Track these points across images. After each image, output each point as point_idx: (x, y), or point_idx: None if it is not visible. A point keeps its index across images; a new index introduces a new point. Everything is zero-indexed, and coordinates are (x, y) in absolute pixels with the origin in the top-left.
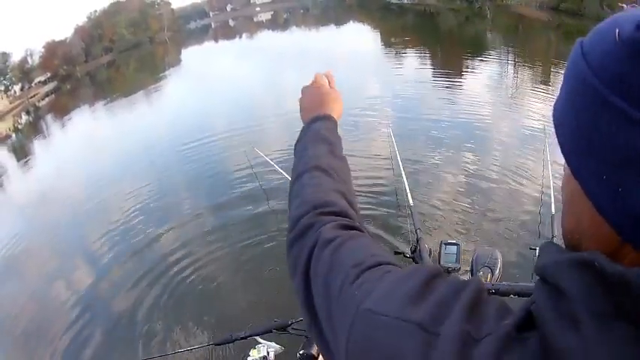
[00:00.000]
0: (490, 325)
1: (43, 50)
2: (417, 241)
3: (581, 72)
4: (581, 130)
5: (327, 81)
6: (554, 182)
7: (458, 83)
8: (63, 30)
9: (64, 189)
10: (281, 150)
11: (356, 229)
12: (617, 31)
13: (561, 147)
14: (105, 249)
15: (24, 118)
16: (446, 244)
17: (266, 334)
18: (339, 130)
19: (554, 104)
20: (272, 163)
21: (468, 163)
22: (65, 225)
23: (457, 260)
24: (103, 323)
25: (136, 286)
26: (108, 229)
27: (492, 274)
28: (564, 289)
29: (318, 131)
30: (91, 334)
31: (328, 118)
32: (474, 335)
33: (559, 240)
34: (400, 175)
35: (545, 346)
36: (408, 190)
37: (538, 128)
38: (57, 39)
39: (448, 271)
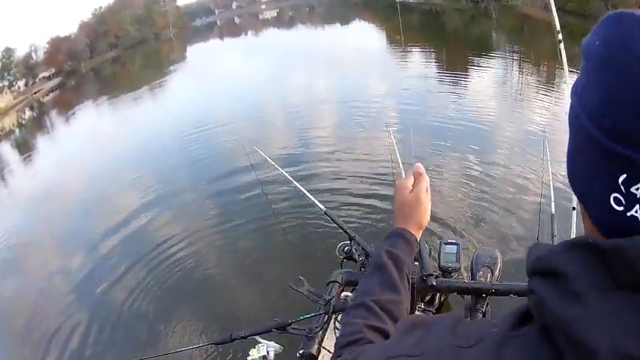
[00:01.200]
0: (479, 335)
1: (47, 46)
2: (417, 240)
3: (574, 109)
4: (579, 163)
5: (410, 184)
6: (554, 183)
7: (463, 83)
8: (67, 26)
9: (67, 183)
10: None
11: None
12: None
13: (569, 176)
14: (107, 243)
15: (28, 113)
16: (446, 243)
17: (266, 333)
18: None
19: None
20: (273, 162)
21: (468, 162)
22: (67, 218)
23: (457, 260)
24: (103, 319)
25: (135, 280)
26: (109, 223)
27: (492, 274)
28: (562, 271)
29: (381, 256)
30: (89, 330)
31: (400, 234)
32: (463, 345)
33: (559, 240)
34: (400, 175)
35: (547, 324)
36: None
37: (540, 129)
38: (61, 35)
39: (448, 270)
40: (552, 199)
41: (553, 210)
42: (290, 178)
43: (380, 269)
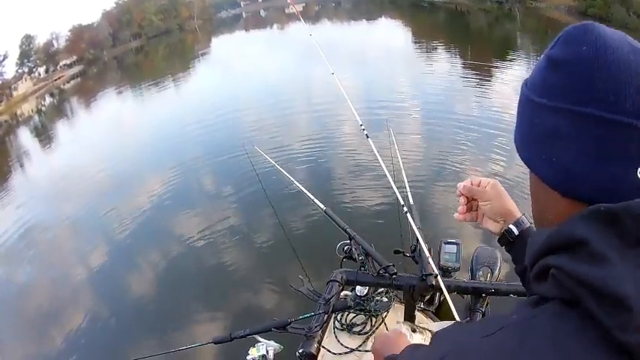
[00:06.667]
0: (498, 323)
1: (69, 34)
2: (417, 240)
3: (522, 92)
4: (522, 128)
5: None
6: None
7: (487, 84)
8: (90, 15)
9: (85, 169)
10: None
11: None
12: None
13: (516, 147)
14: (121, 232)
15: (48, 100)
16: (446, 243)
17: (265, 332)
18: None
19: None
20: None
21: (490, 160)
22: (84, 205)
23: (457, 259)
24: (104, 311)
25: (134, 279)
26: (121, 212)
27: (492, 274)
28: (582, 238)
29: None
30: (91, 321)
31: None
32: (485, 334)
33: None
34: (400, 174)
35: (572, 290)
36: (408, 189)
37: None
38: (84, 23)
39: (448, 270)
40: None
41: None
42: (290, 178)
43: None
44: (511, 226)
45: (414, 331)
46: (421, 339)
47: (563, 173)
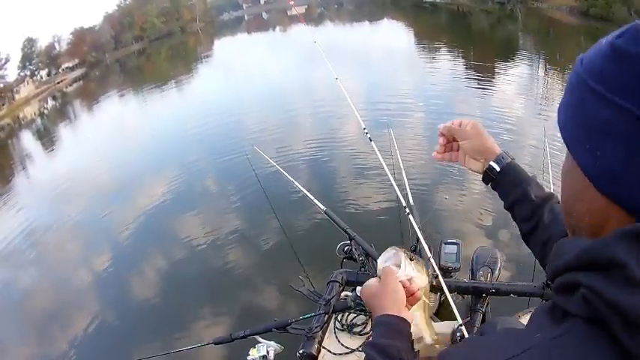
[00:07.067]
0: (523, 343)
1: (71, 37)
2: (417, 239)
3: (576, 71)
4: (572, 109)
5: (373, 283)
6: (553, 183)
7: (489, 85)
8: (92, 17)
9: (88, 172)
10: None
11: None
12: (603, 40)
13: (560, 126)
14: (123, 234)
15: (50, 102)
16: (446, 243)
17: (266, 333)
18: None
19: (559, 103)
20: (273, 163)
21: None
22: (86, 208)
23: (457, 259)
24: (107, 312)
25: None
26: (123, 214)
27: (492, 274)
28: (620, 261)
29: (366, 352)
30: (94, 322)
31: (380, 322)
32: (512, 355)
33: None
34: (401, 174)
35: (603, 315)
36: (408, 188)
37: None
38: (85, 26)
39: (448, 270)
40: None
41: None
42: (291, 179)
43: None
44: (492, 163)
45: (411, 259)
46: (415, 270)
47: (605, 171)
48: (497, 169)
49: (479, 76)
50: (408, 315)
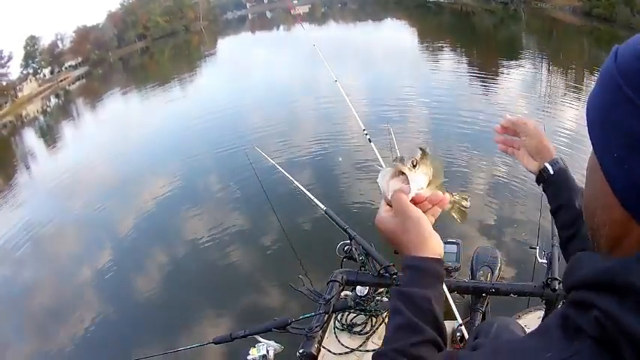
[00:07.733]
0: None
1: (73, 35)
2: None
3: (610, 68)
4: (602, 111)
5: (384, 212)
6: None
7: (492, 84)
8: (95, 16)
9: (91, 170)
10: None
11: None
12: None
13: (588, 124)
14: (124, 232)
15: (53, 100)
16: (446, 242)
17: (266, 332)
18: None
19: (590, 94)
20: (273, 162)
21: (489, 161)
22: (89, 205)
23: (457, 259)
24: (106, 311)
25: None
26: (125, 212)
27: (492, 273)
28: (636, 287)
29: (392, 299)
30: (95, 320)
31: (406, 267)
32: None
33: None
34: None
35: (614, 339)
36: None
37: (565, 135)
38: (89, 24)
39: (448, 270)
40: None
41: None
42: (291, 178)
43: (394, 313)
44: (547, 165)
45: (414, 166)
46: (425, 175)
47: (630, 184)
48: (551, 171)
49: (482, 75)
50: (437, 245)
